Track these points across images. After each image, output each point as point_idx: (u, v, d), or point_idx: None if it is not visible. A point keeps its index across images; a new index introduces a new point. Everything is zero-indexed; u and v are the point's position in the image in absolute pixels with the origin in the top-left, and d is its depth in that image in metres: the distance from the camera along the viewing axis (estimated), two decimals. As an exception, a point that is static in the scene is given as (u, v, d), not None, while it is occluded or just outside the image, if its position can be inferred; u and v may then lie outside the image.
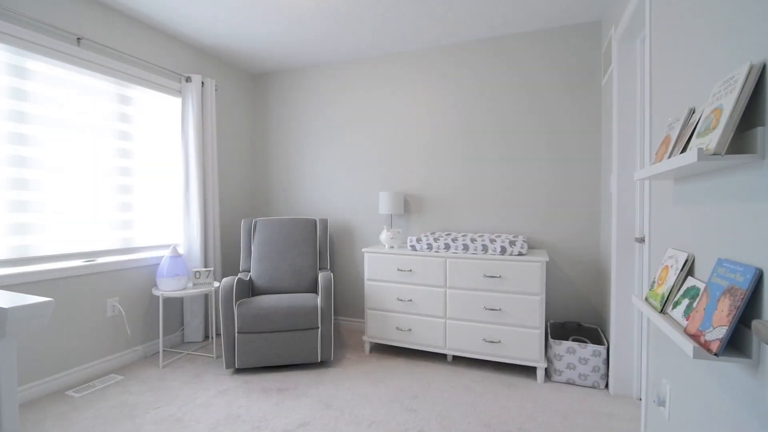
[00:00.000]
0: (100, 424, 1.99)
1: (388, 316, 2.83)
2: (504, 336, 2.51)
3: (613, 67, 2.29)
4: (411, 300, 2.75)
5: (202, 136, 3.19)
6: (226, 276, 3.64)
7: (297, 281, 2.95)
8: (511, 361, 2.51)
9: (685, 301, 1.02)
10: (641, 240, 2.06)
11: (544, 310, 2.43)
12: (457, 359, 2.82)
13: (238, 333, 2.53)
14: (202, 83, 3.20)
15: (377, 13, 2.69)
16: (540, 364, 2.44)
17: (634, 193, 2.20)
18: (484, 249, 2.57)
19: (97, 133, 2.61)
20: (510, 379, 2.51)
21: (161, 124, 3.07)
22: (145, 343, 2.88)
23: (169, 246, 3.10)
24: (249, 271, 3.04)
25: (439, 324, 2.68)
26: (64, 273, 2.37)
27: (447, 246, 2.68)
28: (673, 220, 1.29)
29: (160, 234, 3.06)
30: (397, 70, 3.36)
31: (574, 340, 2.64)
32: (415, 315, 2.75)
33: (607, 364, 2.38)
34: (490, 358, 2.56)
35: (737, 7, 0.90)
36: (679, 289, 1.10)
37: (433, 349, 2.72)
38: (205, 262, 3.22)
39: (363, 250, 2.92)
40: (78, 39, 2.44)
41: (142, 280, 2.86)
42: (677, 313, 1.03)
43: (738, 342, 0.82)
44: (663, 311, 1.11)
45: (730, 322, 0.77)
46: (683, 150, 1.02)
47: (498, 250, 2.54)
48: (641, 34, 2.08)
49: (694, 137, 0.95)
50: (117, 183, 2.74)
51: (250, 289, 2.88)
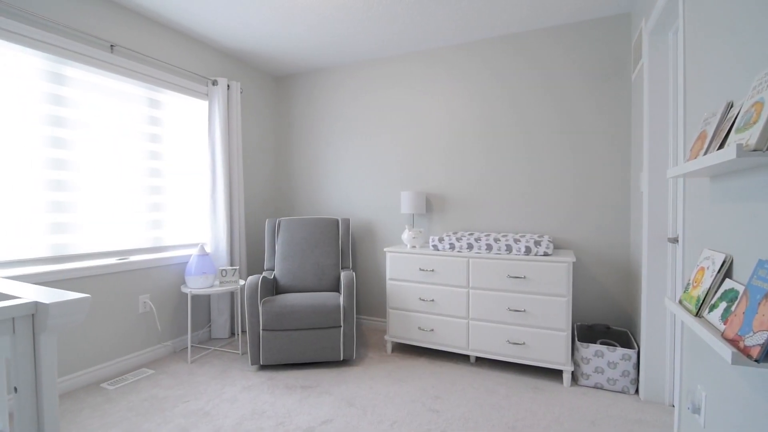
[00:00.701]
0: (132, 416, 2.07)
1: (410, 316, 2.83)
2: (529, 338, 2.46)
3: (643, 60, 2.21)
4: (433, 300, 2.74)
5: (228, 137, 3.27)
6: (251, 274, 3.72)
7: (320, 280, 2.98)
8: (536, 363, 2.46)
9: (723, 305, 0.97)
10: (674, 240, 1.98)
11: (570, 311, 2.37)
12: (481, 360, 2.78)
13: (263, 330, 2.58)
14: (228, 86, 3.27)
15: (398, 13, 2.68)
16: (566, 368, 2.38)
17: (666, 192, 2.11)
18: (508, 249, 2.53)
19: (129, 136, 2.72)
20: (535, 381, 2.46)
21: (189, 127, 3.16)
22: (174, 338, 2.98)
23: (197, 245, 3.20)
24: (273, 269, 3.09)
25: (461, 325, 2.66)
26: (99, 270, 2.48)
27: (470, 246, 2.65)
28: (710, 219, 1.23)
29: (189, 233, 3.15)
30: (417, 68, 3.34)
31: (602, 343, 2.57)
32: (438, 315, 2.74)
33: (638, 368, 2.30)
34: (514, 360, 2.52)
35: (780, -5, 0.85)
36: (716, 291, 1.05)
37: (455, 350, 2.69)
38: (231, 260, 3.29)
39: (385, 249, 2.92)
40: (111, 46, 2.54)
41: (172, 277, 2.96)
42: (714, 316, 0.98)
43: (781, 348, 0.77)
44: (698, 315, 1.06)
45: (772, 327, 0.73)
46: (720, 146, 0.98)
47: (522, 250, 2.49)
48: (674, 25, 2.00)
49: (732, 132, 0.91)
50: (148, 184, 2.84)
51: (274, 287, 2.94)
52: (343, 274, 2.77)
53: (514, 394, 2.31)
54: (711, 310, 1.02)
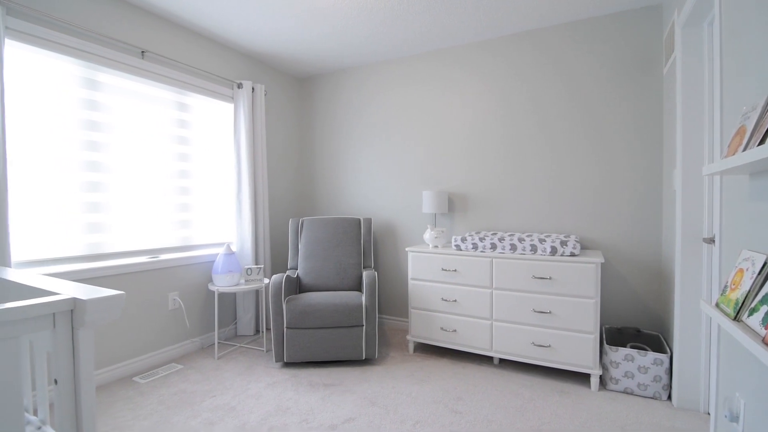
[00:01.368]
0: (163, 409, 2.14)
1: (432, 316, 2.81)
2: (555, 340, 2.41)
3: (676, 54, 2.12)
4: (456, 300, 2.71)
5: (253, 139, 3.34)
6: (276, 273, 3.78)
7: (342, 279, 3.00)
8: (563, 366, 2.40)
9: (764, 308, 0.92)
10: (710, 240, 1.90)
11: (598, 314, 2.30)
12: (504, 362, 2.74)
13: (287, 328, 2.62)
14: (253, 89, 3.34)
15: (419, 11, 2.67)
16: (594, 371, 2.31)
17: (701, 190, 2.02)
18: (533, 249, 2.48)
19: (159, 139, 2.81)
20: (561, 385, 2.41)
21: (215, 129, 3.24)
22: (201, 335, 3.06)
23: (223, 244, 3.28)
24: (296, 268, 3.14)
25: (485, 326, 2.63)
26: (131, 268, 2.57)
27: (493, 246, 2.61)
28: (749, 219, 1.17)
29: (215, 233, 3.24)
30: (437, 67, 3.32)
31: (632, 347, 2.48)
32: (460, 316, 2.71)
33: (670, 373, 2.21)
34: (539, 363, 2.46)
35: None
36: (756, 294, 1.00)
37: (478, 351, 2.66)
38: (256, 259, 3.36)
39: (407, 249, 2.91)
40: (142, 52, 2.63)
41: (199, 275, 3.04)
42: (754, 320, 0.94)
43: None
44: (737, 318, 1.02)
45: (820, 333, 0.69)
46: (761, 141, 0.93)
47: (548, 250, 2.44)
48: (709, 16, 1.91)
49: (774, 127, 0.86)
50: (176, 185, 2.93)
51: (297, 286, 2.98)
52: (365, 274, 2.78)
53: (539, 397, 2.26)
54: (751, 313, 0.97)
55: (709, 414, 2.03)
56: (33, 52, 2.16)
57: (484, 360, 2.78)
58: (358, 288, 3.04)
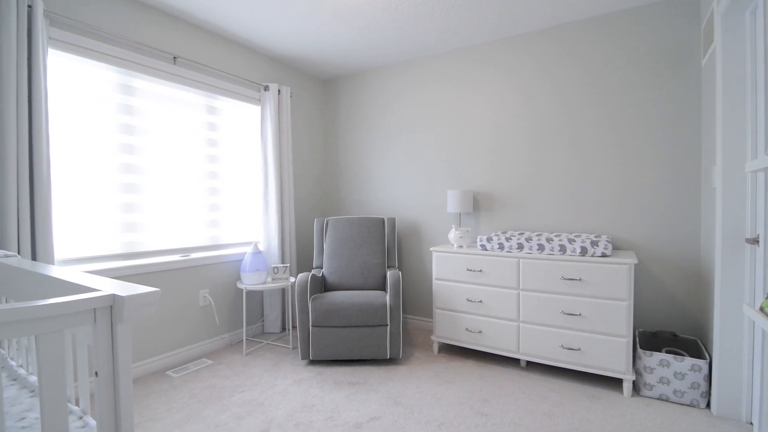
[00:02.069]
0: (194, 402, 2.21)
1: (457, 317, 2.79)
2: (584, 343, 2.34)
3: (715, 44, 2.02)
4: (481, 301, 2.68)
5: (279, 140, 3.40)
6: (301, 272, 3.84)
7: (366, 278, 3.02)
8: (593, 371, 2.33)
9: (815, 313, 0.86)
10: (753, 241, 1.80)
11: (631, 317, 2.22)
12: (532, 365, 2.68)
13: (312, 326, 2.65)
14: (279, 91, 3.40)
15: (445, 9, 2.65)
16: (627, 376, 2.23)
17: (743, 188, 1.92)
18: (562, 249, 2.42)
19: (190, 141, 2.91)
20: (591, 390, 2.34)
21: (243, 131, 3.33)
22: (230, 331, 3.15)
23: (251, 243, 3.36)
24: (321, 267, 3.18)
25: (511, 327, 2.58)
26: (164, 266, 2.67)
27: (520, 246, 2.56)
28: (798, 217, 1.10)
29: (243, 232, 3.32)
30: (461, 65, 3.28)
31: (668, 352, 2.38)
32: (486, 317, 2.67)
33: (709, 380, 2.11)
34: (568, 366, 2.40)
35: None
36: (806, 298, 0.94)
37: (505, 353, 2.62)
38: (282, 258, 3.42)
39: (431, 249, 2.90)
40: (174, 58, 2.72)
41: (228, 274, 3.13)
42: (804, 326, 0.88)
43: None
44: (784, 324, 0.96)
45: None
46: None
47: (578, 250, 2.37)
48: (752, 4, 1.81)
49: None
50: (206, 186, 3.02)
51: (322, 284, 3.01)
52: (389, 273, 2.79)
53: (568, 401, 2.20)
54: (800, 319, 0.91)
55: (751, 424, 1.93)
56: (73, 60, 2.28)
57: (511, 362, 2.73)
58: (383, 287, 3.04)
